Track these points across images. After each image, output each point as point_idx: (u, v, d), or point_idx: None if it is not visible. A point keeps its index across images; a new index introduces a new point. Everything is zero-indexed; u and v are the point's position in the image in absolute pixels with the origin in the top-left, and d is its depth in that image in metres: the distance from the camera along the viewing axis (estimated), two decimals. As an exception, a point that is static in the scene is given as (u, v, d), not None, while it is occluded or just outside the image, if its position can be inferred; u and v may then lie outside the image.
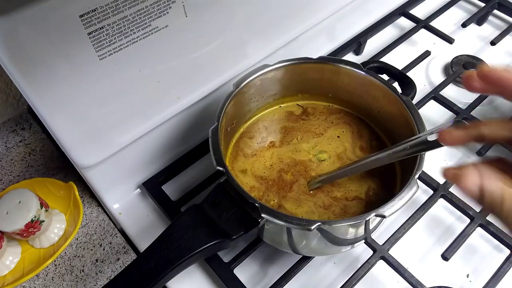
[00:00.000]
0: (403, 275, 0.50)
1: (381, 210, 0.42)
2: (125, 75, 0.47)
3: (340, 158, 0.55)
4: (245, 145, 0.57)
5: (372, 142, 0.57)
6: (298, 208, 0.50)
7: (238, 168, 0.54)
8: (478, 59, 0.73)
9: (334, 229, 0.44)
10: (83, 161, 0.50)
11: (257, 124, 0.59)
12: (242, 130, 0.58)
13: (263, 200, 0.51)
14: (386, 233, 0.53)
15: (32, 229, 0.52)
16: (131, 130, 0.53)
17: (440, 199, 0.56)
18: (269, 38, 0.61)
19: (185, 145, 0.62)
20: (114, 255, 0.55)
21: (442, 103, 0.66)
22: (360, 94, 0.57)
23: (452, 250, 0.51)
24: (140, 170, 0.59)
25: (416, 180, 0.44)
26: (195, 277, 0.53)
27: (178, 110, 0.56)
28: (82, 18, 0.40)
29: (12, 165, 0.61)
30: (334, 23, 0.72)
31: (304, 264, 0.51)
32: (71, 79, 0.43)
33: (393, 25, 0.81)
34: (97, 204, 0.60)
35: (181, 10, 0.47)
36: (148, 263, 0.42)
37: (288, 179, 0.53)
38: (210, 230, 0.44)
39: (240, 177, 0.53)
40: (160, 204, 0.57)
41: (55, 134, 0.46)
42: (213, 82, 0.58)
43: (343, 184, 0.52)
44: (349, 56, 0.77)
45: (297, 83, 0.58)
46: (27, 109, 0.61)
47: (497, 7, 0.80)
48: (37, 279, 0.53)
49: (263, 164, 0.55)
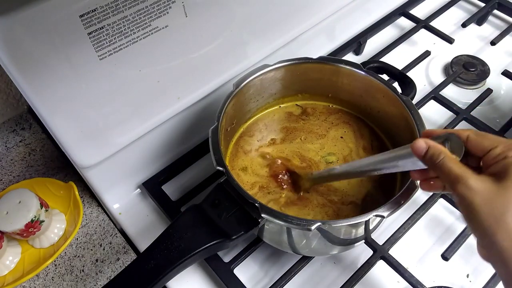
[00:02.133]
0: (403, 275, 0.50)
1: (381, 210, 0.42)
2: (125, 75, 0.47)
3: (347, 161, 0.55)
4: (245, 143, 0.57)
5: (373, 142, 0.57)
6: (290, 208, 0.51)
7: (238, 166, 0.54)
8: (478, 59, 0.73)
9: (334, 229, 0.44)
10: (83, 161, 0.50)
11: (257, 124, 0.59)
12: (242, 130, 0.58)
13: (268, 192, 0.52)
14: (386, 233, 0.53)
15: (32, 229, 0.52)
16: (131, 130, 0.53)
17: (440, 199, 0.56)
18: (269, 38, 0.61)
19: (185, 145, 0.62)
20: (114, 255, 0.55)
21: (442, 103, 0.66)
22: (360, 94, 0.57)
23: (452, 250, 0.51)
24: (140, 170, 0.59)
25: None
26: (195, 277, 0.53)
27: (178, 110, 0.56)
28: (82, 18, 0.40)
29: (12, 165, 0.61)
30: (334, 23, 0.72)
31: (304, 264, 0.51)
32: (71, 79, 0.43)
33: (393, 25, 0.81)
34: (97, 204, 0.60)
35: (181, 10, 0.47)
36: (148, 263, 0.42)
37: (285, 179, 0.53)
38: (210, 230, 0.44)
39: (241, 175, 0.53)
40: (160, 204, 0.57)
41: (55, 134, 0.46)
42: (213, 82, 0.58)
43: (340, 189, 0.52)
44: (349, 56, 0.77)
45: (297, 83, 0.58)
46: (27, 109, 0.61)
47: (497, 7, 0.80)
48: (37, 279, 0.53)
49: (263, 162, 0.55)
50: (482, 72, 0.71)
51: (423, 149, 0.37)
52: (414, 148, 0.38)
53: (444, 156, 0.36)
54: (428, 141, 0.37)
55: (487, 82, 0.71)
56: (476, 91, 0.70)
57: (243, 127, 0.59)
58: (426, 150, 0.37)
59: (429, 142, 0.37)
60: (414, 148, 0.38)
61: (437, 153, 0.36)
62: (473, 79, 0.71)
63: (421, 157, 0.37)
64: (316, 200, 0.51)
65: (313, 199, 0.51)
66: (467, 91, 0.71)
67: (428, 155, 0.37)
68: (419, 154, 0.37)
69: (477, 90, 0.70)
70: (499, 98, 0.70)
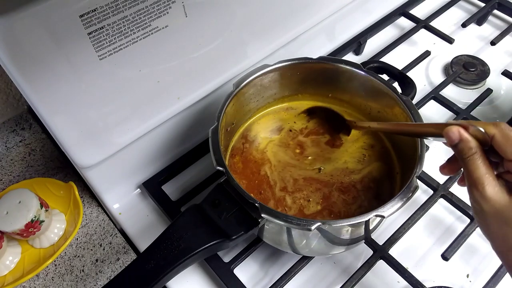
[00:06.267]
0: (403, 275, 0.50)
1: (380, 210, 0.42)
2: (125, 75, 0.47)
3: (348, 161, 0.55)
4: (245, 143, 0.57)
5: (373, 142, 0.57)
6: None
7: (238, 166, 0.54)
8: (478, 59, 0.73)
9: (334, 229, 0.44)
10: (83, 161, 0.50)
11: (257, 124, 0.59)
12: (242, 130, 0.58)
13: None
14: (386, 233, 0.53)
15: (32, 229, 0.52)
16: (131, 130, 0.53)
17: (440, 199, 0.56)
18: (269, 38, 0.61)
19: (185, 145, 0.62)
20: (114, 255, 0.55)
21: (442, 103, 0.66)
22: (360, 94, 0.57)
23: (452, 250, 0.51)
24: (140, 170, 0.59)
25: (416, 180, 0.44)
26: (195, 277, 0.53)
27: (178, 110, 0.56)
28: (82, 18, 0.40)
29: (12, 165, 0.61)
30: (334, 23, 0.72)
31: (304, 264, 0.51)
32: (71, 79, 0.43)
33: (393, 25, 0.81)
34: (97, 204, 0.60)
35: (181, 10, 0.47)
36: (148, 263, 0.42)
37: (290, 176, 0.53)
38: (210, 230, 0.44)
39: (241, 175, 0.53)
40: (160, 204, 0.57)
41: (55, 134, 0.46)
42: (213, 82, 0.58)
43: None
44: (349, 56, 0.77)
45: (297, 83, 0.58)
46: (27, 109, 0.61)
47: (497, 7, 0.80)
48: (37, 279, 0.53)
49: (263, 162, 0.55)
50: (482, 72, 0.71)
51: (455, 140, 0.37)
52: (447, 135, 0.38)
53: (472, 154, 0.36)
54: (462, 133, 0.37)
55: (487, 82, 0.71)
56: (476, 91, 0.70)
57: (243, 127, 0.59)
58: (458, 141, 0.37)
59: (463, 135, 0.37)
60: (446, 135, 0.38)
61: (467, 148, 0.36)
62: (473, 79, 0.71)
63: (451, 145, 0.38)
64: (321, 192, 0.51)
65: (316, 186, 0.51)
66: (467, 91, 0.71)
67: (459, 147, 0.37)
68: (450, 142, 0.38)
69: (477, 90, 0.70)
70: (499, 98, 0.70)
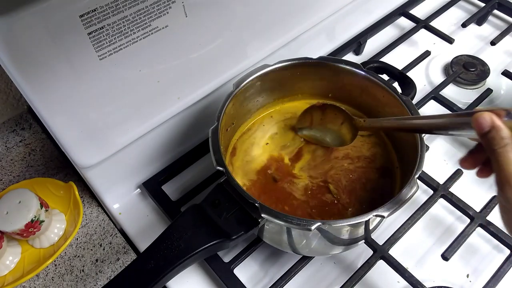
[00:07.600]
0: (403, 275, 0.50)
1: (381, 210, 0.42)
2: (125, 75, 0.47)
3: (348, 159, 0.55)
4: (245, 143, 0.57)
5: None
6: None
7: (238, 166, 0.54)
8: (478, 59, 0.73)
9: (334, 229, 0.44)
10: (83, 161, 0.50)
11: (257, 124, 0.59)
12: (242, 130, 0.58)
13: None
14: (386, 233, 0.53)
15: (32, 229, 0.52)
16: (131, 130, 0.53)
17: (440, 199, 0.56)
18: (269, 38, 0.61)
19: (185, 145, 0.62)
20: (114, 255, 0.55)
21: (442, 103, 0.66)
22: (360, 94, 0.57)
23: (452, 250, 0.51)
24: (140, 170, 0.59)
25: (416, 180, 0.44)
26: (195, 277, 0.53)
27: (178, 110, 0.56)
28: (82, 18, 0.40)
29: (12, 165, 0.61)
30: (334, 23, 0.72)
31: (304, 264, 0.51)
32: (71, 79, 0.43)
33: (393, 25, 0.81)
34: (97, 204, 0.60)
35: (181, 10, 0.47)
36: (148, 263, 0.42)
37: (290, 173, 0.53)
38: (210, 230, 0.44)
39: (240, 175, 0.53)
40: (160, 204, 0.57)
41: (55, 134, 0.46)
42: (213, 82, 0.58)
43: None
44: (349, 56, 0.77)
45: (297, 83, 0.58)
46: (27, 109, 0.61)
47: (497, 7, 0.80)
48: (37, 279, 0.53)
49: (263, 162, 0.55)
50: (482, 72, 0.71)
51: (486, 127, 0.32)
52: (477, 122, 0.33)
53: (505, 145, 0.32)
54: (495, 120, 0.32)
55: (487, 82, 0.71)
56: (476, 91, 0.70)
57: (243, 127, 0.58)
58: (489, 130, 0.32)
59: (495, 122, 0.32)
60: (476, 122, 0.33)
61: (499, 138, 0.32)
62: (473, 79, 0.71)
63: (481, 134, 0.33)
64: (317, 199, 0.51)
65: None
66: (467, 91, 0.71)
67: (490, 136, 0.32)
68: (480, 130, 0.33)
69: (477, 90, 0.70)
70: (499, 98, 0.70)
